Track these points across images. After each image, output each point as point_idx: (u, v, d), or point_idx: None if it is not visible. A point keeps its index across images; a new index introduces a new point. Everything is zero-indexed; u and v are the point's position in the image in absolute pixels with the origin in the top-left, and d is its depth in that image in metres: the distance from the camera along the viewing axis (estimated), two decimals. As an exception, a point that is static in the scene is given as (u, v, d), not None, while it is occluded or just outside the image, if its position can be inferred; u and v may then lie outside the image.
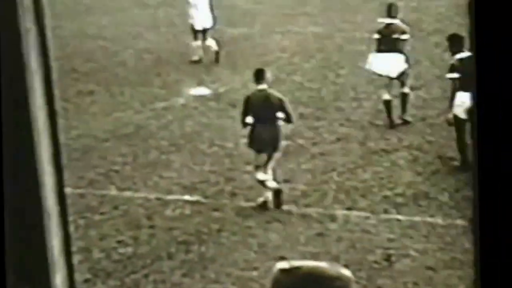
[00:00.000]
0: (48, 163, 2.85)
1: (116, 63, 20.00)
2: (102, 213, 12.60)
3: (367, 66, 15.30)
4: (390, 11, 15.09)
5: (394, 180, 12.88)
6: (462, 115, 12.59)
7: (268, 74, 12.80)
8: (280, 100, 12.57)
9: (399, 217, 11.83)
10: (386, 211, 12.02)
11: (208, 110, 16.29)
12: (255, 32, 21.47)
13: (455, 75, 12.94)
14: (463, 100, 12.44)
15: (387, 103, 14.91)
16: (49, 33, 2.77)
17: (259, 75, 12.71)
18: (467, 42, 12.39)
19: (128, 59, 20.22)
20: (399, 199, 12.29)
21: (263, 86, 12.60)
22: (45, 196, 2.81)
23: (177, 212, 12.49)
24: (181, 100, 16.92)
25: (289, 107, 12.67)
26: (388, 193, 12.52)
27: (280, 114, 12.46)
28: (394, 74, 14.77)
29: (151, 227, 12.15)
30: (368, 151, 13.99)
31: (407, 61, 14.81)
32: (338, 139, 14.55)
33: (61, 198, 2.89)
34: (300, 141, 14.57)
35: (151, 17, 23.85)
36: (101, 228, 12.20)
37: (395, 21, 15.02)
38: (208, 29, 19.59)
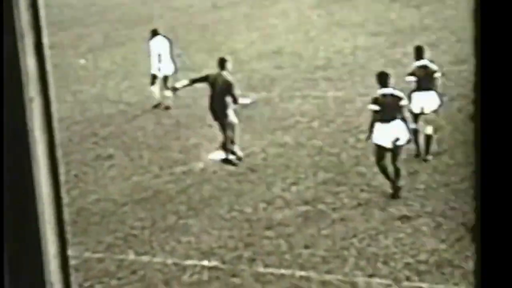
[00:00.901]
0: (51, 231, 2.77)
1: (135, 127, 20.01)
2: (119, 278, 12.45)
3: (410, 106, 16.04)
4: (419, 53, 16.18)
5: (416, 247, 12.64)
6: (389, 145, 14.27)
7: (229, 64, 16.28)
8: (228, 83, 15.90)
9: (422, 285, 11.58)
10: (408, 279, 11.77)
11: (227, 174, 16.17)
12: (275, 96, 21.44)
13: (376, 107, 14.47)
14: (385, 130, 14.28)
15: (429, 138, 15.90)
16: (54, 102, 2.71)
17: (222, 64, 16.20)
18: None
19: (147, 123, 20.23)
20: (422, 267, 12.04)
21: (222, 70, 16.14)
22: (47, 265, 2.74)
23: (195, 277, 12.32)
24: (200, 165, 16.82)
25: (235, 89, 15.96)
26: (411, 260, 12.27)
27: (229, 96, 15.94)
28: (428, 110, 15.85)
29: (168, 293, 11.98)
30: (389, 217, 13.78)
31: (440, 98, 15.93)
32: (359, 204, 14.36)
33: (64, 267, 2.81)
34: (320, 206, 14.40)
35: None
36: (118, 293, 12.05)
37: (426, 62, 16.07)
38: (168, 76, 21.12)
